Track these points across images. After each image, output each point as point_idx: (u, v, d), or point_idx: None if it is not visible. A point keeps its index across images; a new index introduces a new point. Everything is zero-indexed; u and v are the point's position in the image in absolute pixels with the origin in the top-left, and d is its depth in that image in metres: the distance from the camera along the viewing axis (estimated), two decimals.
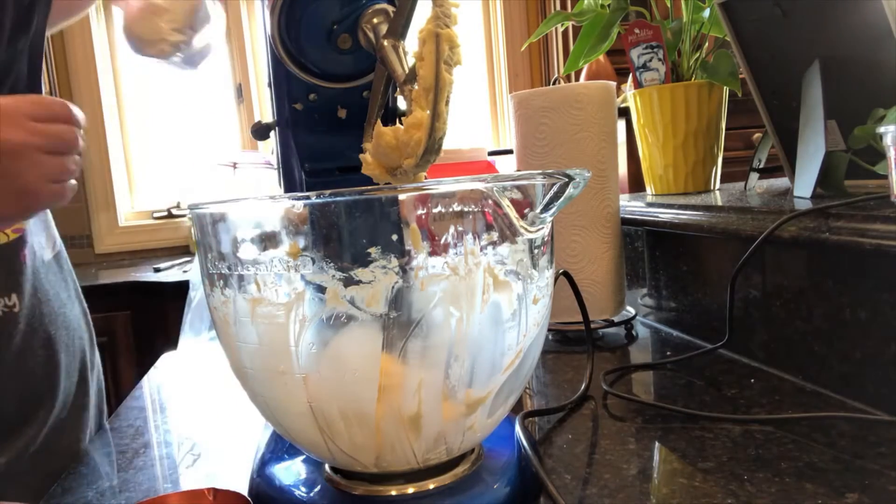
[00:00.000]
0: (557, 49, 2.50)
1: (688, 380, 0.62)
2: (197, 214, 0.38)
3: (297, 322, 0.35)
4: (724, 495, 0.40)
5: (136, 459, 0.53)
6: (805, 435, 0.47)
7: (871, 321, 0.50)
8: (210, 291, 0.39)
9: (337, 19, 0.48)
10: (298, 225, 0.34)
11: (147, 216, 2.60)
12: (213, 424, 0.63)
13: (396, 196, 0.34)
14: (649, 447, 0.48)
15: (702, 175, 0.91)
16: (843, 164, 0.62)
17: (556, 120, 0.74)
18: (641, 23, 0.92)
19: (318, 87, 0.51)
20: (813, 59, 0.67)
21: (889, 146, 0.49)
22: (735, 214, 0.65)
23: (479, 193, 0.34)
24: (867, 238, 0.48)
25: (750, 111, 0.85)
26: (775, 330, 0.61)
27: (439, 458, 0.39)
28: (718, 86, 0.88)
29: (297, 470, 0.44)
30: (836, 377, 0.54)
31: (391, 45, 0.45)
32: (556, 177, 0.35)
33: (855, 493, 0.39)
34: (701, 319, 0.74)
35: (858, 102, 0.63)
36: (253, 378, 0.39)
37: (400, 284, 0.34)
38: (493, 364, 0.37)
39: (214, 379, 0.78)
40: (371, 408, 0.35)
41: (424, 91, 0.40)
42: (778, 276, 0.60)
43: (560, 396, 0.60)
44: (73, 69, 2.51)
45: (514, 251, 0.36)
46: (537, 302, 0.38)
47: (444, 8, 0.39)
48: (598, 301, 0.76)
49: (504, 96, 2.79)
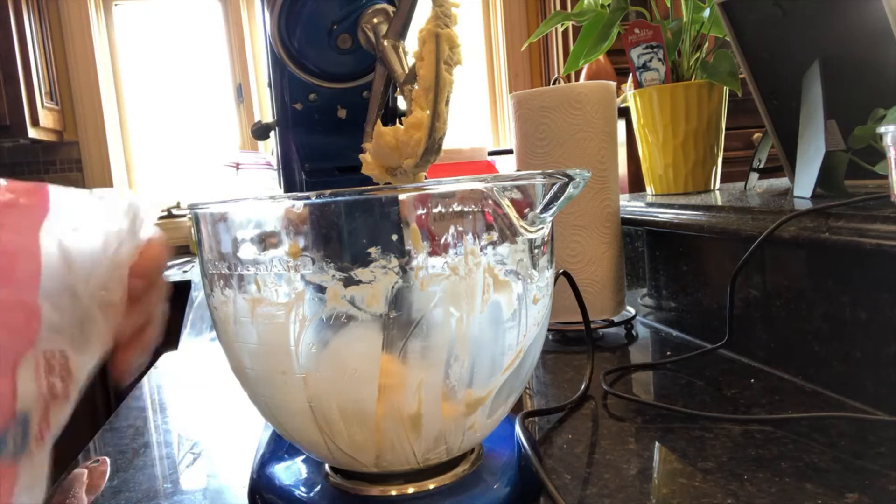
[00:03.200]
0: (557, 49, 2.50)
1: (688, 380, 0.62)
2: (197, 214, 0.38)
3: (297, 322, 0.35)
4: (724, 495, 0.40)
5: (136, 459, 0.53)
6: (805, 435, 0.47)
7: (871, 321, 0.50)
8: (210, 291, 0.39)
9: (337, 19, 0.48)
10: (298, 225, 0.34)
11: None
12: (213, 424, 0.63)
13: (396, 196, 0.34)
14: (649, 447, 0.48)
15: (702, 175, 0.91)
16: (843, 164, 0.62)
17: (556, 120, 0.74)
18: (641, 23, 0.92)
19: (318, 87, 0.51)
20: (813, 59, 0.67)
21: (889, 146, 0.49)
22: (735, 214, 0.65)
23: (479, 193, 0.34)
24: (867, 238, 0.48)
25: (750, 111, 0.85)
26: (775, 330, 0.61)
27: (439, 458, 0.39)
28: (718, 86, 0.88)
29: (297, 470, 0.44)
30: (836, 377, 0.54)
31: (391, 45, 0.45)
32: (556, 177, 0.35)
33: (855, 493, 0.39)
34: (701, 319, 0.74)
35: (858, 102, 0.63)
36: (253, 378, 0.39)
37: (400, 284, 0.34)
38: (493, 364, 0.37)
39: (214, 379, 0.78)
40: (371, 408, 0.35)
41: (424, 91, 0.40)
42: (778, 276, 0.60)
43: (560, 396, 0.60)
44: (73, 69, 2.51)
45: (514, 251, 0.36)
46: (537, 302, 0.38)
47: (444, 8, 0.39)
48: (598, 301, 0.76)
49: (504, 96, 2.79)
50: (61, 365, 0.28)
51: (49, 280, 0.27)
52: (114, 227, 0.31)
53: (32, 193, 0.28)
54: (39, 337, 0.27)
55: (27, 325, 0.27)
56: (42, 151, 2.51)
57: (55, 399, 0.27)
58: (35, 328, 0.27)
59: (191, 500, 0.46)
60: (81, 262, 0.29)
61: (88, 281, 0.29)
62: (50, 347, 0.27)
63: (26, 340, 0.27)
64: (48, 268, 0.27)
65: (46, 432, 0.27)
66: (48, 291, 0.27)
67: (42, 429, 0.27)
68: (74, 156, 2.53)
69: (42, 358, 0.27)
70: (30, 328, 0.27)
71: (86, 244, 0.29)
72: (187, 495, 0.47)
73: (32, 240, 0.27)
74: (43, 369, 0.27)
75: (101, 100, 2.53)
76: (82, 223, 0.29)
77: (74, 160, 2.53)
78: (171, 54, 2.65)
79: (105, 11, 2.57)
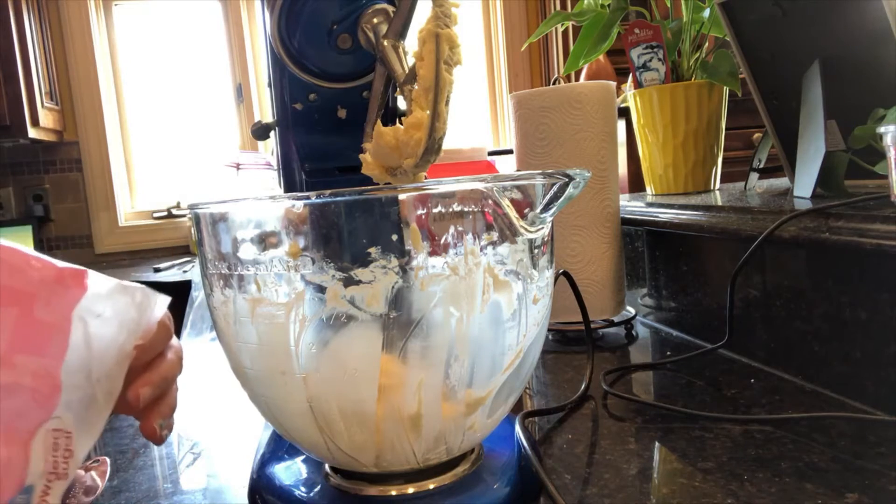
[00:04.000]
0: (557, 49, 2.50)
1: (688, 380, 0.62)
2: (197, 214, 0.38)
3: (297, 322, 0.35)
4: (724, 495, 0.40)
5: (136, 459, 0.53)
6: (805, 435, 0.47)
7: (871, 321, 0.50)
8: (210, 291, 0.39)
9: (337, 19, 0.48)
10: (298, 225, 0.34)
11: (147, 216, 2.61)
12: (213, 424, 0.63)
13: (396, 196, 0.34)
14: (649, 447, 0.48)
15: (702, 175, 0.91)
16: (843, 164, 0.62)
17: (556, 120, 0.74)
18: (641, 23, 0.92)
19: (318, 87, 0.51)
20: (813, 59, 0.67)
21: (889, 146, 0.49)
22: (735, 214, 0.65)
23: (479, 193, 0.34)
24: (867, 238, 0.48)
25: (750, 111, 0.85)
26: (775, 330, 0.61)
27: (439, 458, 0.39)
28: (718, 86, 0.88)
29: (297, 470, 0.44)
30: (836, 377, 0.54)
31: (391, 45, 0.45)
32: (556, 177, 0.35)
33: (855, 493, 0.39)
34: (701, 319, 0.74)
35: (858, 102, 0.63)
36: (253, 378, 0.39)
37: (400, 284, 0.34)
38: (493, 364, 0.37)
39: (214, 379, 0.78)
40: (371, 408, 0.35)
41: (424, 91, 0.40)
42: (778, 276, 0.60)
43: (560, 396, 0.60)
44: (73, 69, 2.51)
45: (514, 251, 0.36)
46: (537, 302, 0.38)
47: (444, 8, 0.39)
48: (598, 301, 0.76)
49: (504, 96, 2.79)
50: (65, 444, 0.29)
51: (72, 359, 0.29)
52: (127, 316, 0.32)
53: (75, 276, 0.31)
54: (56, 411, 0.29)
55: (49, 397, 0.28)
56: (42, 151, 2.51)
57: (57, 477, 0.28)
58: (55, 402, 0.29)
59: (191, 500, 0.46)
60: (97, 347, 0.31)
61: (99, 367, 0.31)
62: (59, 425, 0.29)
63: (45, 411, 0.28)
64: (73, 347, 0.29)
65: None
66: (69, 369, 0.29)
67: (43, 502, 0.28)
68: (74, 156, 2.53)
69: (51, 434, 0.29)
70: (51, 400, 0.28)
71: (105, 331, 0.31)
72: (187, 495, 0.47)
73: (66, 319, 0.30)
74: (50, 446, 0.28)
75: (101, 100, 2.53)
76: (104, 311, 0.32)
77: (74, 160, 2.53)
78: (171, 54, 2.65)
79: (105, 11, 2.57)
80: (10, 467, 0.26)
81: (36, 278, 0.29)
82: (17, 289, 0.29)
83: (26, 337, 0.28)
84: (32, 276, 0.29)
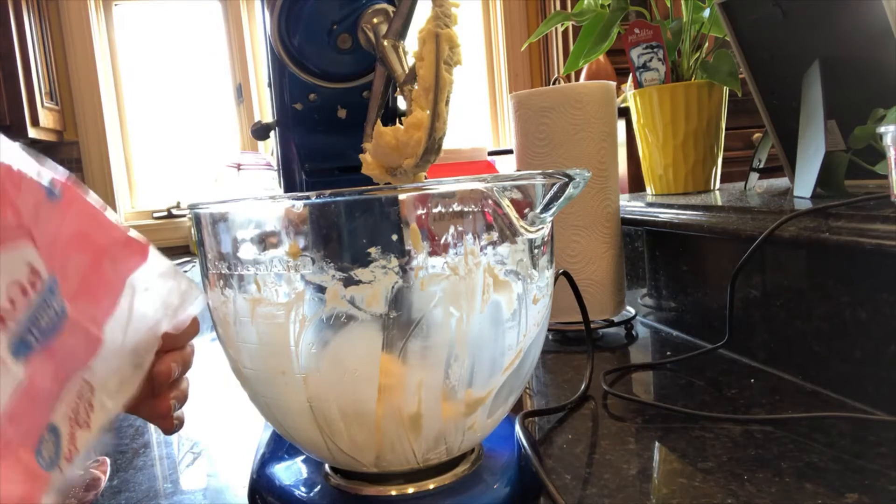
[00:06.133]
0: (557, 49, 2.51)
1: (688, 380, 0.62)
2: (197, 214, 0.38)
3: (297, 322, 0.35)
4: (724, 495, 0.40)
5: (136, 459, 0.53)
6: (805, 435, 0.47)
7: (871, 321, 0.50)
8: (210, 291, 0.39)
9: (337, 19, 0.48)
10: (298, 225, 0.34)
11: (147, 216, 2.61)
12: (213, 424, 0.63)
13: (396, 196, 0.34)
14: (649, 447, 0.48)
15: (702, 175, 0.91)
16: (843, 164, 0.62)
17: (556, 120, 0.74)
18: (641, 23, 0.92)
19: (318, 87, 0.51)
20: (813, 59, 0.67)
21: (889, 146, 0.49)
22: (735, 214, 0.65)
23: (479, 193, 0.34)
24: (867, 238, 0.48)
25: (750, 111, 0.85)
26: (775, 330, 0.61)
27: (439, 458, 0.39)
28: (718, 86, 0.88)
29: (297, 470, 0.44)
30: (836, 377, 0.54)
31: (391, 45, 0.45)
32: (556, 177, 0.35)
33: (855, 493, 0.39)
34: (701, 319, 0.74)
35: (858, 102, 0.63)
36: (253, 378, 0.39)
37: (400, 284, 0.34)
38: (493, 364, 0.37)
39: (214, 379, 0.78)
40: (371, 408, 0.35)
41: (424, 91, 0.40)
42: (778, 276, 0.60)
43: (560, 396, 0.60)
44: (73, 69, 2.51)
45: (514, 251, 0.36)
46: (537, 302, 0.38)
47: (444, 8, 0.39)
48: (598, 301, 0.76)
49: (504, 96, 2.79)
50: (88, 397, 0.30)
51: (115, 320, 0.31)
52: (169, 299, 0.34)
53: (140, 245, 0.33)
54: (90, 365, 0.30)
55: (87, 348, 0.30)
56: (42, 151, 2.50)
57: (79, 426, 0.29)
58: (92, 353, 0.30)
59: (191, 500, 0.46)
60: (136, 318, 0.32)
61: (133, 336, 0.32)
62: (89, 377, 0.30)
63: (82, 361, 0.29)
64: (119, 310, 0.31)
65: (75, 454, 0.28)
66: (111, 328, 0.31)
67: (70, 450, 0.28)
68: (74, 156, 2.53)
69: (81, 382, 0.29)
70: (89, 351, 0.30)
71: (146, 306, 0.33)
72: (187, 495, 0.47)
73: (121, 281, 0.32)
74: (76, 393, 0.29)
75: (101, 100, 2.53)
76: (154, 287, 0.33)
77: (74, 160, 2.53)
78: (170, 54, 2.65)
79: (105, 11, 2.57)
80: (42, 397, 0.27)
81: (111, 236, 0.31)
82: (94, 240, 0.31)
83: (90, 285, 0.30)
84: (111, 233, 0.31)
